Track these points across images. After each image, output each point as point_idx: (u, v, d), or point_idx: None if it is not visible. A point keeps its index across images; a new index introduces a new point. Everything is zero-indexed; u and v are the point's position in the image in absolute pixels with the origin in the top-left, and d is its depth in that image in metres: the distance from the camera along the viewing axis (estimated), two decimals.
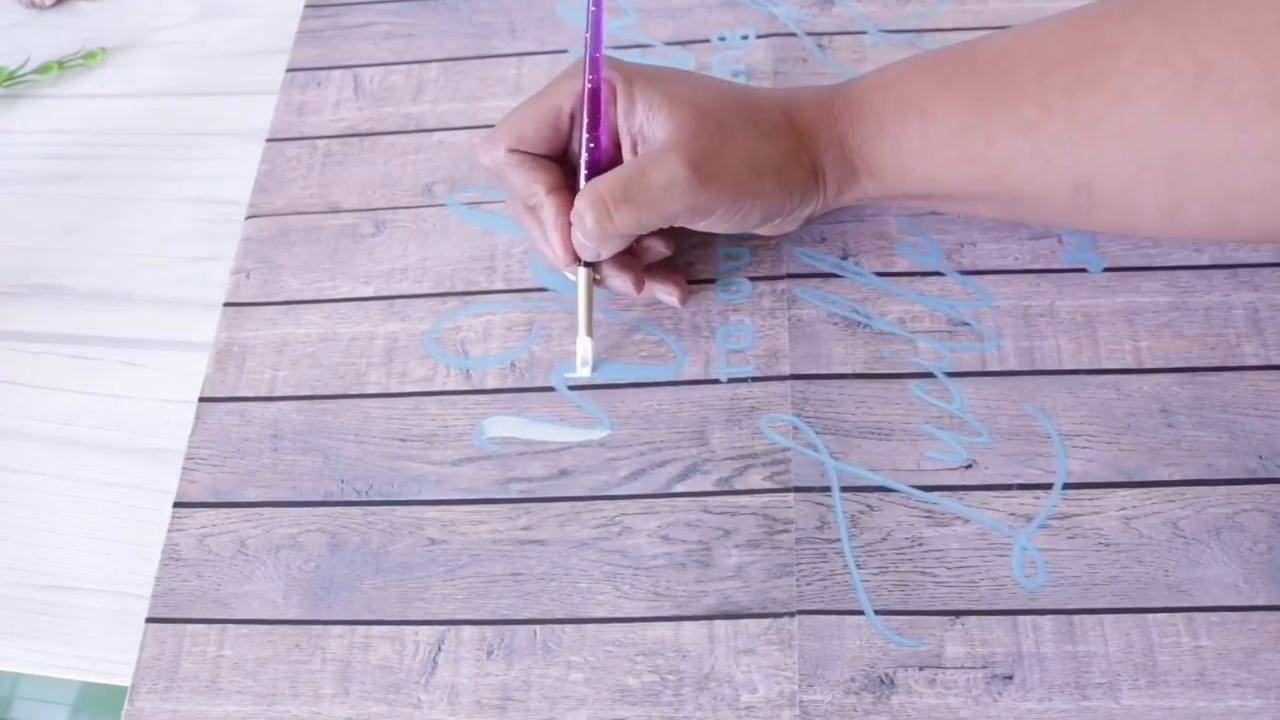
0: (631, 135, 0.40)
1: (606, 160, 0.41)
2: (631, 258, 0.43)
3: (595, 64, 0.40)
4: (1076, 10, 0.38)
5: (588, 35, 0.40)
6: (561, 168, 0.42)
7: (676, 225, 0.40)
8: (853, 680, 0.37)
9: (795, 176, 0.40)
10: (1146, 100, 0.35)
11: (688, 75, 0.41)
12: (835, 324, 0.43)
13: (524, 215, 0.43)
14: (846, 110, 0.40)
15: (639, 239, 0.42)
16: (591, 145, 0.40)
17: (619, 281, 0.42)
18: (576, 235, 0.40)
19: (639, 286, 0.42)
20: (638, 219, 0.38)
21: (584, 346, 0.42)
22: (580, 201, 0.38)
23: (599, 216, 0.38)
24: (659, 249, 0.43)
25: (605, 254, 0.40)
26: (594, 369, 0.43)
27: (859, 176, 0.41)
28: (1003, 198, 0.40)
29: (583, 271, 0.41)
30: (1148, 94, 0.35)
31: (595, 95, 0.40)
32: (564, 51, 0.52)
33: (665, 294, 0.44)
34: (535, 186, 0.41)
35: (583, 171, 0.40)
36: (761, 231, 0.42)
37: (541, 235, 0.42)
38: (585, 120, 0.40)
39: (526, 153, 0.41)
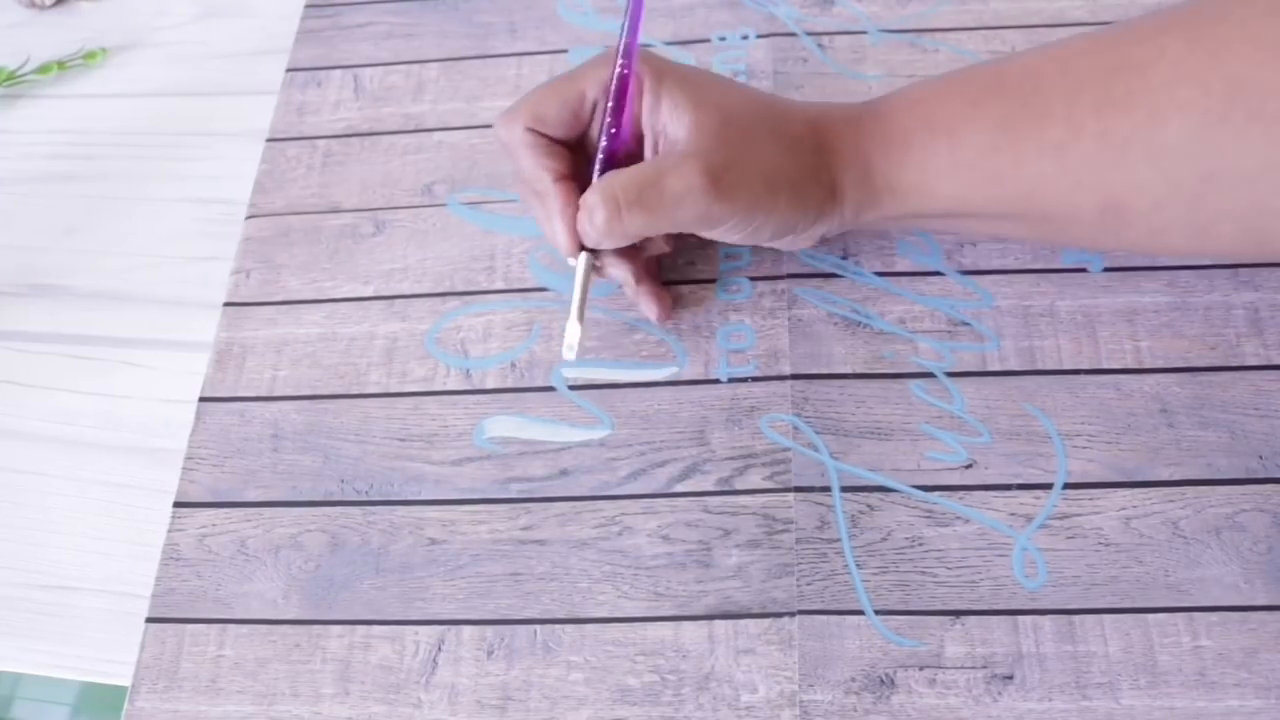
0: (655, 133, 0.40)
1: (624, 153, 0.40)
2: (634, 250, 0.42)
3: (629, 51, 0.39)
4: (1103, 30, 0.38)
5: (625, 22, 0.39)
6: (573, 155, 0.41)
7: (685, 232, 0.40)
8: (853, 680, 0.37)
9: (812, 194, 0.39)
10: (1177, 119, 0.34)
11: (719, 79, 0.41)
12: (835, 324, 0.43)
13: (529, 195, 0.42)
14: (874, 129, 0.40)
15: None
16: (612, 131, 0.39)
17: (619, 271, 0.42)
18: (583, 223, 0.39)
19: (639, 279, 0.42)
20: (648, 223, 0.38)
21: (573, 332, 0.40)
22: (593, 196, 0.38)
23: (610, 216, 0.37)
24: (660, 244, 0.43)
25: (608, 247, 0.40)
26: (579, 356, 0.42)
27: (881, 197, 0.40)
28: (1029, 217, 0.39)
29: (583, 257, 0.40)
30: (1178, 113, 0.34)
31: (624, 84, 0.39)
32: (564, 51, 0.52)
33: (647, 308, 0.43)
34: (543, 173, 0.40)
35: (598, 162, 0.39)
36: (776, 245, 0.42)
37: (545, 217, 0.41)
38: (609, 107, 0.39)
39: (542, 134, 0.40)
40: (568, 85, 0.40)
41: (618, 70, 0.39)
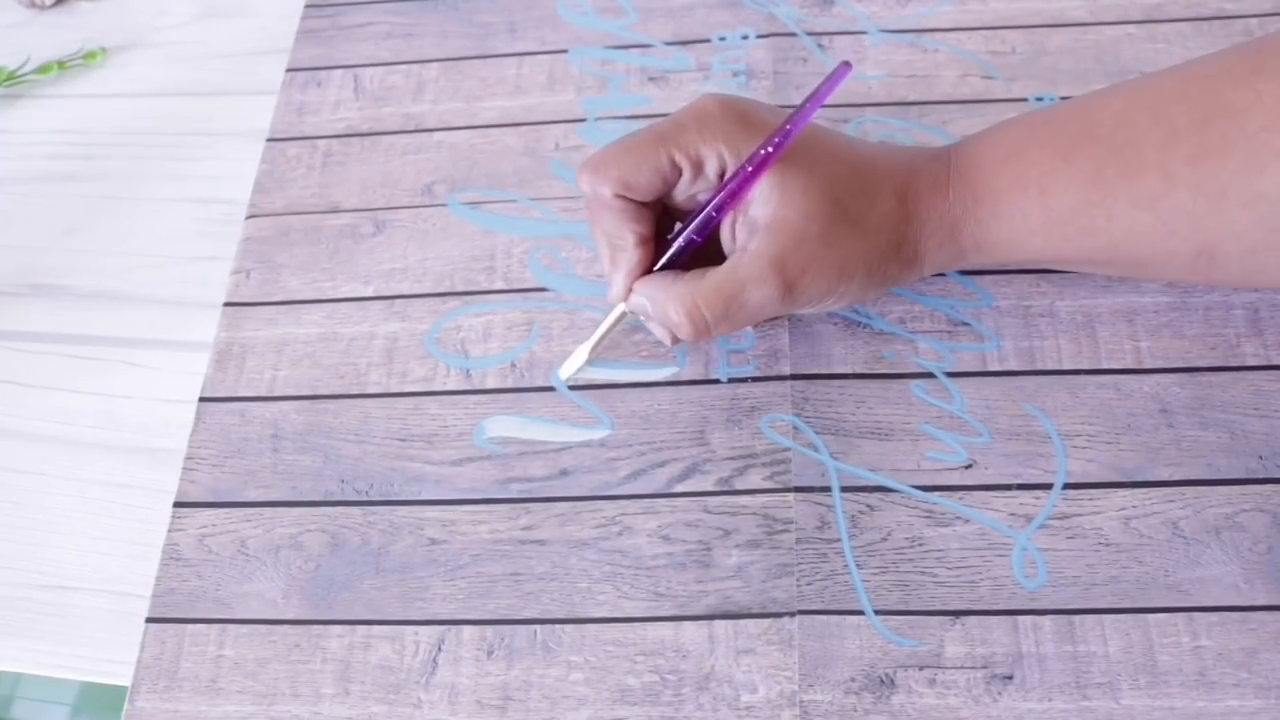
0: (734, 211, 0.39)
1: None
2: None
3: (787, 138, 0.37)
4: (1194, 68, 0.37)
5: (808, 103, 0.37)
6: (653, 213, 0.40)
7: None
8: (853, 680, 0.37)
9: (887, 271, 0.39)
10: (1275, 165, 0.34)
11: (809, 151, 0.38)
12: (835, 324, 0.43)
13: (602, 241, 0.41)
14: (962, 192, 0.39)
15: None
16: (712, 216, 0.38)
17: (661, 332, 0.41)
18: (637, 303, 0.40)
19: (675, 342, 0.42)
20: (731, 330, 0.39)
21: (577, 362, 0.43)
22: (678, 312, 0.38)
23: (698, 332, 0.38)
24: None
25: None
26: (586, 372, 0.43)
27: (966, 254, 0.40)
28: (1118, 264, 0.39)
29: (620, 309, 0.41)
30: (1276, 159, 0.34)
31: (758, 171, 0.37)
32: (564, 51, 0.52)
33: (662, 335, 0.42)
34: (627, 234, 0.39)
35: (678, 242, 0.39)
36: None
37: (613, 267, 0.40)
38: (726, 190, 0.38)
39: (630, 200, 0.39)
40: (658, 152, 0.38)
41: (763, 151, 0.37)
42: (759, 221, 0.38)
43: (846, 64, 0.37)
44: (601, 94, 0.51)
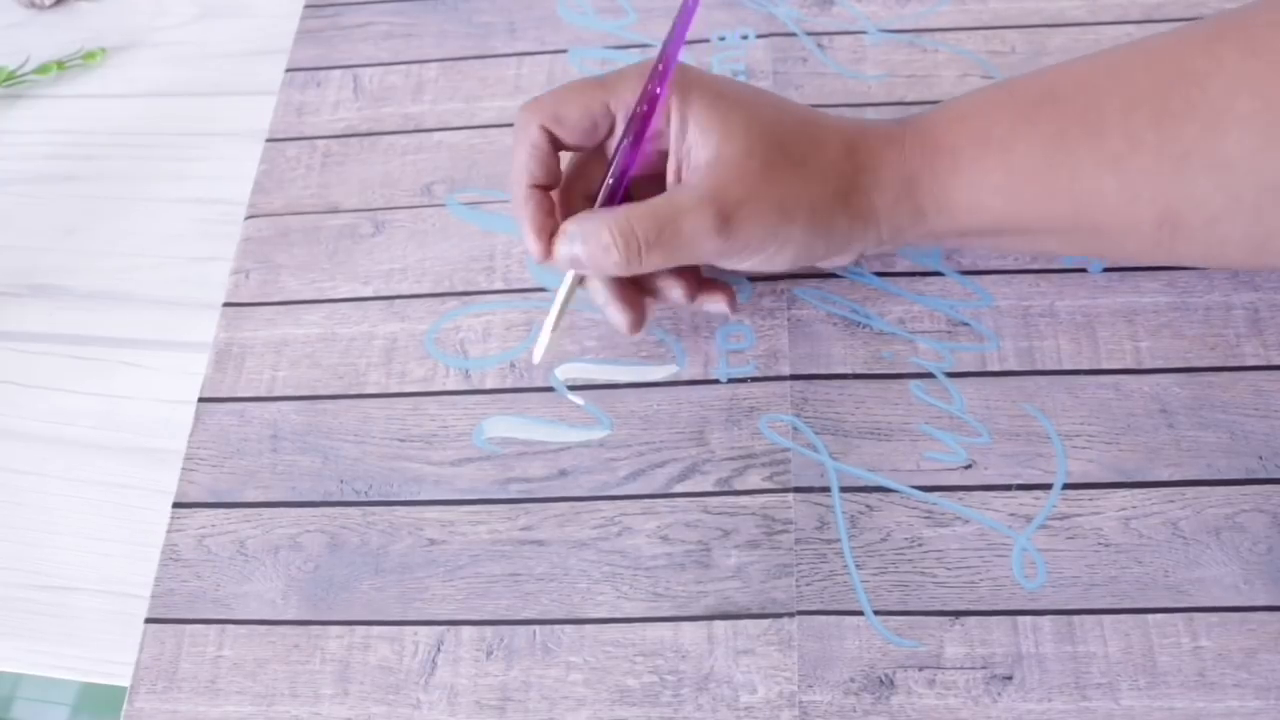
0: (679, 156, 0.38)
1: (642, 173, 0.39)
2: (690, 268, 0.41)
3: (664, 75, 0.37)
4: (1154, 40, 0.37)
5: (670, 38, 0.37)
6: (556, 168, 0.39)
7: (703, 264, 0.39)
8: (852, 681, 0.37)
9: (834, 219, 0.38)
10: (1237, 131, 0.33)
11: (752, 98, 0.38)
12: (835, 324, 0.43)
13: (512, 179, 0.40)
14: (918, 146, 0.38)
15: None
16: (629, 155, 0.38)
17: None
18: (565, 249, 0.38)
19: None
20: (666, 261, 0.37)
21: (544, 341, 0.39)
22: (609, 232, 0.36)
23: (630, 255, 0.36)
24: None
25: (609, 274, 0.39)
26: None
27: (927, 215, 0.39)
28: (1082, 231, 0.38)
29: (570, 277, 0.39)
30: (1238, 124, 0.33)
31: (651, 109, 0.37)
32: (563, 51, 0.52)
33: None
34: (523, 175, 0.38)
35: (606, 185, 0.38)
36: (822, 265, 0.41)
37: (518, 219, 0.39)
38: (631, 129, 0.37)
39: (554, 136, 0.38)
40: (595, 93, 0.38)
41: (647, 92, 0.37)
42: (701, 161, 0.37)
43: None
44: None
